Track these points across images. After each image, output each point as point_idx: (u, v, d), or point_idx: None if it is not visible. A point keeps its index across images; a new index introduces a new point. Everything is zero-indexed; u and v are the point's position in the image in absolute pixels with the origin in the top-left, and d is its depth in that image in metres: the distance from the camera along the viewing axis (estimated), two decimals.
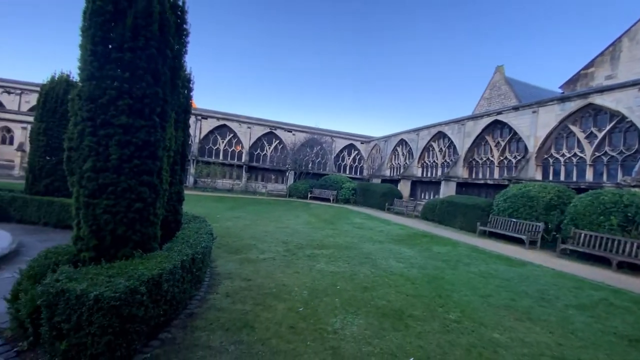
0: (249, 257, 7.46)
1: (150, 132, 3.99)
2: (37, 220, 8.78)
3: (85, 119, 3.65)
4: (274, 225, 12.58)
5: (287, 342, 3.83)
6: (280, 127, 32.77)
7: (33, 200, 8.79)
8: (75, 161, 3.75)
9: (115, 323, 2.83)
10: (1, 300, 4.14)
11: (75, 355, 2.76)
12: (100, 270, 3.20)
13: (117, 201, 3.76)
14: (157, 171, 4.15)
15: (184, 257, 4.17)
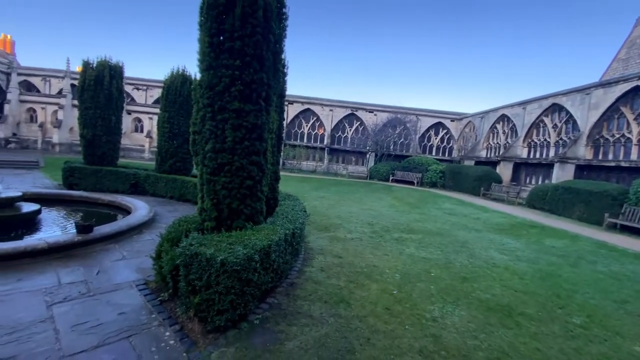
0: (337, 236, 7.65)
1: (258, 115, 4.29)
2: (164, 194, 10.64)
3: (206, 105, 4.13)
4: (358, 206, 12.62)
5: (385, 322, 3.82)
6: (361, 108, 32.26)
7: (161, 178, 10.64)
8: (198, 143, 4.30)
9: (236, 285, 3.22)
10: (148, 258, 5.17)
11: (205, 309, 3.25)
12: (221, 238, 3.65)
13: (232, 178, 4.20)
14: (263, 152, 4.48)
15: (286, 231, 4.48)
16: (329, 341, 3.31)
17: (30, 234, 5.97)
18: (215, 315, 3.20)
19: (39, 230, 6.21)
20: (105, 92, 10.56)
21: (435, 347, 3.38)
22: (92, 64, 10.67)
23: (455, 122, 32.69)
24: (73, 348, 2.81)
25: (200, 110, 4.23)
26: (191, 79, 10.99)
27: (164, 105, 10.72)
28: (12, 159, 17.53)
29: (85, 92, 10.49)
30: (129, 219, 6.38)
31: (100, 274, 4.39)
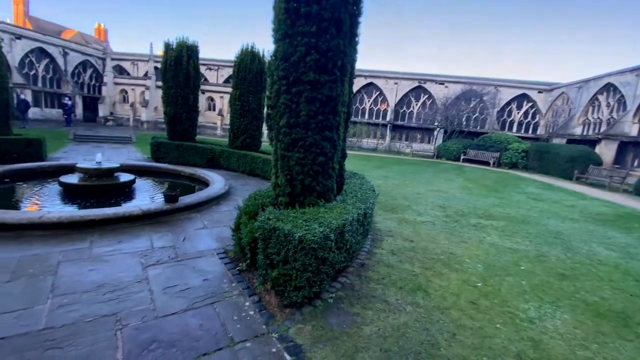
0: (406, 218, 7.22)
1: (332, 87, 4.01)
2: (236, 168, 11.23)
3: (281, 78, 3.97)
4: (425, 187, 11.83)
5: (470, 317, 3.42)
6: (430, 80, 29.74)
7: (233, 153, 11.22)
8: (273, 118, 4.22)
9: (313, 263, 3.13)
10: (226, 228, 5.44)
11: (282, 283, 3.24)
12: (297, 214, 3.58)
13: (305, 154, 4.06)
14: (336, 127, 4.23)
15: (359, 211, 4.26)
16: (410, 331, 3.07)
17: (127, 201, 6.78)
18: (292, 291, 3.18)
19: (134, 198, 7.01)
20: (183, 72, 11.28)
21: (536, 354, 2.91)
22: (172, 45, 11.41)
23: (544, 93, 28.21)
24: (165, 309, 3.04)
25: (275, 83, 4.10)
26: (260, 55, 11.10)
27: (235, 83, 11.07)
28: (110, 135, 20.29)
29: (167, 72, 11.34)
30: (208, 191, 6.82)
31: (186, 241, 4.74)
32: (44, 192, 6.69)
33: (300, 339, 2.81)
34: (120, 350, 2.46)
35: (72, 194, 6.50)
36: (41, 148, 9.83)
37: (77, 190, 6.47)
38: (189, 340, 2.65)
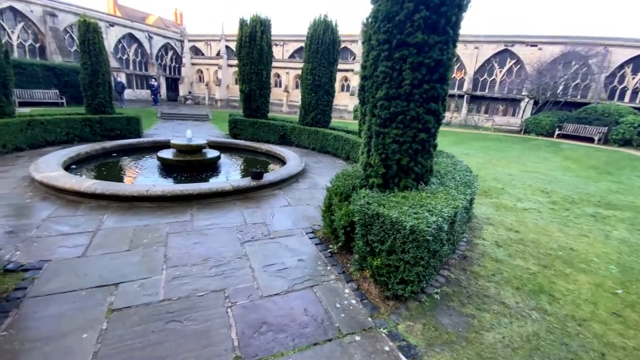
0: (504, 203, 6.33)
1: (443, 49, 3.41)
2: (307, 145, 11.19)
3: (382, 42, 3.49)
4: (517, 167, 10.36)
5: (619, 334, 2.76)
6: (519, 42, 25.62)
7: (304, 130, 11.15)
8: (368, 90, 3.81)
9: (425, 256, 2.76)
10: (309, 206, 5.34)
11: (385, 274, 2.96)
12: (398, 199, 3.21)
13: (405, 131, 3.60)
14: (443, 97, 3.64)
15: (466, 197, 3.71)
16: (544, 345, 2.57)
17: (214, 176, 7.14)
18: (398, 284, 2.88)
19: (220, 173, 7.36)
20: (257, 48, 11.32)
21: None
22: (246, 21, 11.45)
23: None
24: (269, 289, 3.01)
25: (372, 49, 3.64)
26: (332, 25, 10.51)
27: (307, 57, 10.76)
28: (190, 112, 21.96)
29: (242, 49, 11.50)
30: (288, 169, 6.82)
31: (275, 217, 4.76)
32: (145, 165, 7.40)
33: (413, 339, 2.53)
34: (234, 330, 2.47)
35: (168, 167, 7.06)
36: (139, 125, 10.96)
37: (172, 165, 7.01)
38: (297, 326, 2.56)
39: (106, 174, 6.86)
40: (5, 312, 2.46)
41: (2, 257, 3.22)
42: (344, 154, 9.60)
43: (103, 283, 2.92)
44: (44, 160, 6.15)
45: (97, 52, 9.66)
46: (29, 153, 7.79)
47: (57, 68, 19.94)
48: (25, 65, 18.29)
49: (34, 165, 5.74)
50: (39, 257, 3.28)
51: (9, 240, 3.58)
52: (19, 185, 5.37)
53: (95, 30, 9.60)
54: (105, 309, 2.60)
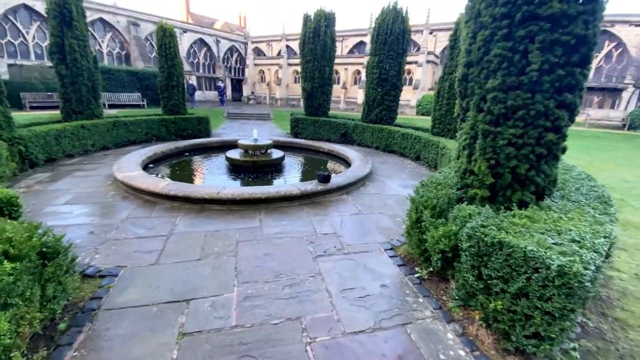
0: (631, 220, 5.01)
1: (588, 21, 2.53)
2: (370, 144, 10.52)
3: (498, 18, 2.74)
4: (631, 171, 8.44)
5: None
6: (620, 21, 21.43)
7: (368, 128, 10.50)
8: (473, 80, 3.06)
9: (577, 307, 1.99)
10: (382, 215, 4.73)
11: (506, 321, 2.26)
12: (523, 222, 2.46)
13: (525, 130, 2.80)
14: (581, 86, 2.75)
15: (612, 218, 2.77)
16: None
17: (279, 176, 6.93)
18: (528, 337, 2.16)
19: (283, 173, 7.14)
20: (321, 43, 10.96)
21: None
22: (310, 16, 11.15)
23: None
24: (352, 324, 2.52)
25: (483, 28, 2.89)
26: (402, 13, 9.64)
27: (374, 49, 10.06)
28: (253, 112, 22.69)
29: (305, 45, 11.25)
30: (355, 171, 6.28)
31: (346, 227, 4.26)
32: (214, 165, 7.51)
33: None
34: None
35: (235, 167, 7.05)
36: (208, 125, 11.41)
37: (239, 165, 6.97)
38: None
39: (179, 173, 7.08)
40: (79, 327, 2.35)
41: (83, 260, 3.25)
42: (413, 154, 8.74)
43: (175, 298, 2.72)
44: (126, 159, 6.51)
45: (173, 55, 10.20)
46: (114, 152, 8.49)
47: (139, 73, 22.12)
48: (113, 71, 20.57)
49: (116, 165, 6.08)
50: (115, 262, 3.25)
51: (91, 241, 3.66)
52: (104, 184, 5.70)
53: (171, 35, 10.13)
54: (176, 332, 2.35)
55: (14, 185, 5.50)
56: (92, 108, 8.58)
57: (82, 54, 8.08)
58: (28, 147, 6.31)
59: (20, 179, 5.92)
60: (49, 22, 7.64)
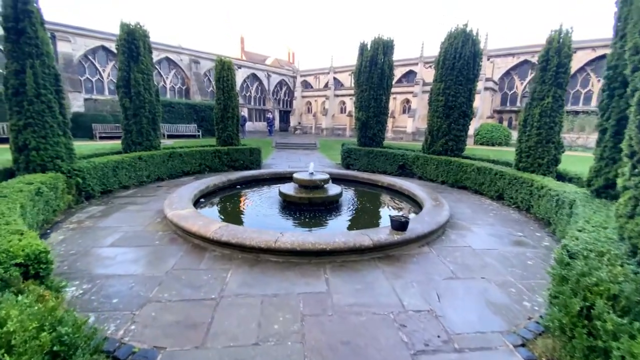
0: None
1: None
2: (434, 177, 9.34)
3: None
4: None
5: None
6: None
7: (431, 160, 9.37)
8: None
9: None
10: (487, 282, 3.55)
11: None
12: None
13: None
14: None
15: None
16: None
17: (337, 215, 6.06)
18: None
19: (341, 212, 6.25)
20: (378, 72, 10.37)
21: None
22: (366, 45, 10.72)
23: None
24: None
25: None
26: (473, 35, 8.74)
27: (439, 75, 9.16)
28: (300, 142, 22.65)
29: (361, 74, 10.74)
30: (434, 215, 5.19)
31: (443, 302, 3.16)
32: (267, 200, 6.89)
33: None
34: None
35: (289, 204, 6.35)
36: (259, 156, 11.12)
37: (294, 202, 6.25)
38: None
39: (230, 210, 6.56)
40: None
41: (116, 331, 2.56)
42: (494, 192, 7.38)
43: None
44: (178, 194, 6.13)
45: (229, 88, 10.24)
46: (168, 183, 8.33)
47: (196, 106, 23.49)
48: (174, 104, 22.02)
49: (168, 200, 5.68)
50: (153, 338, 2.51)
51: (130, 301, 3.00)
52: (153, 222, 5.27)
53: (229, 68, 10.23)
54: None
55: (65, 220, 5.28)
56: (150, 139, 8.64)
57: (146, 87, 8.26)
58: (85, 179, 6.22)
59: (74, 212, 5.75)
60: (118, 57, 7.97)
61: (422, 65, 26.55)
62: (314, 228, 5.45)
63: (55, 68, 5.61)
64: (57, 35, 20.04)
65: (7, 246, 2.35)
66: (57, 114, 5.72)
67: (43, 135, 5.55)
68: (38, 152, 5.55)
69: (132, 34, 7.95)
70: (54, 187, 5.21)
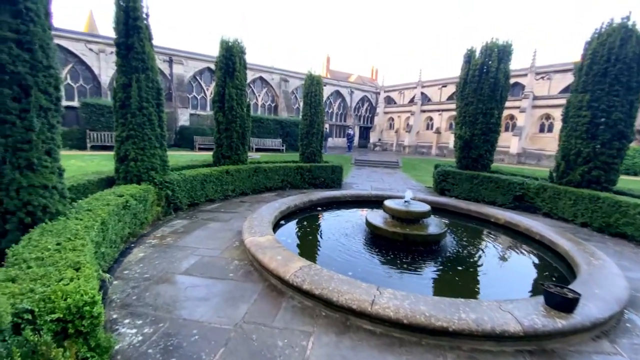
0: None
1: None
2: (569, 217, 7.10)
3: None
4: None
5: None
6: None
7: (566, 192, 7.16)
8: None
9: None
10: None
11: None
12: None
13: None
14: None
15: None
16: None
17: (439, 261, 4.71)
18: None
19: (445, 258, 4.86)
20: (490, 81, 8.65)
21: None
22: (474, 51, 9.14)
23: None
24: None
25: None
26: (638, 32, 6.48)
27: (581, 83, 7.05)
28: (380, 159, 21.36)
29: (466, 85, 9.16)
30: (606, 285, 3.46)
31: None
32: (352, 229, 5.93)
33: None
34: None
35: (378, 238, 5.27)
36: (341, 175, 10.36)
37: (385, 237, 5.14)
38: None
39: (311, 238, 5.77)
40: None
41: None
42: None
43: None
44: (258, 214, 5.63)
45: (317, 102, 9.82)
46: (250, 198, 8.10)
47: (283, 121, 24.40)
48: (263, 120, 23.21)
49: (248, 222, 5.17)
50: None
51: None
52: (230, 246, 4.78)
53: (318, 83, 9.84)
54: None
55: (150, 234, 5.18)
56: (239, 154, 8.63)
57: (238, 102, 8.30)
58: (175, 191, 6.22)
59: (160, 224, 5.70)
60: (216, 74, 8.19)
61: (532, 77, 22.77)
62: (412, 273, 4.23)
63: (158, 82, 5.76)
64: (174, 59, 23.25)
65: (50, 291, 1.85)
66: (155, 127, 5.85)
67: (141, 147, 5.69)
68: (136, 163, 5.70)
69: (230, 50, 8.11)
70: (143, 199, 5.18)
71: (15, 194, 2.87)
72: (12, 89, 2.64)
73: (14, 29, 2.55)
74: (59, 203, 3.38)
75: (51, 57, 3.02)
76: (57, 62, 3.15)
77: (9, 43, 2.52)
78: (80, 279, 2.07)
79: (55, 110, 3.25)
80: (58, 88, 3.24)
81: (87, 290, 1.93)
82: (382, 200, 5.91)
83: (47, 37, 2.92)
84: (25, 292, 1.83)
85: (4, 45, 2.50)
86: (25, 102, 2.79)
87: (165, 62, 22.98)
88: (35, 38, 2.73)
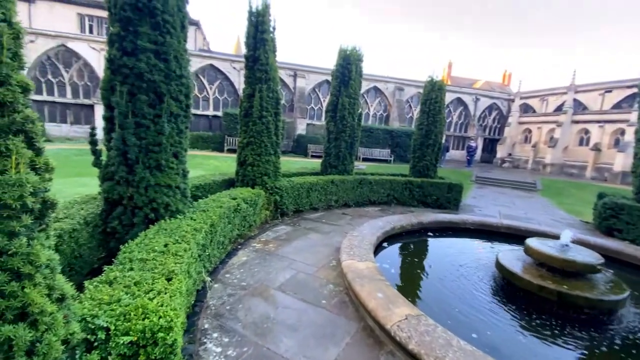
0: None
1: None
2: None
3: None
4: None
5: None
6: None
7: None
8: None
9: None
10: None
11: None
12: None
13: None
14: None
15: None
16: None
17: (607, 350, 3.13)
18: None
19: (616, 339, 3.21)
20: None
21: None
22: None
23: None
24: None
25: None
26: None
27: None
28: (509, 178, 17.85)
29: None
30: None
31: None
32: (474, 268, 4.74)
33: None
34: None
35: (514, 289, 3.98)
36: (460, 195, 8.87)
37: (528, 291, 3.81)
38: None
39: (418, 272, 4.86)
40: None
41: None
42: None
43: None
44: (359, 232, 5.10)
45: (436, 111, 8.70)
46: (353, 211, 7.68)
47: (393, 131, 23.44)
48: (373, 130, 22.78)
49: (347, 241, 4.70)
50: None
51: None
52: (327, 264, 4.40)
53: (440, 88, 8.72)
54: None
55: (256, 237, 5.31)
56: (345, 164, 8.37)
57: (350, 111, 8.05)
58: (283, 197, 6.32)
59: (267, 228, 5.84)
60: (332, 83, 8.14)
61: None
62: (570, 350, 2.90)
63: (277, 92, 5.96)
64: (297, 73, 25.34)
65: (133, 306, 1.73)
66: (272, 134, 6.07)
67: (258, 153, 5.97)
68: (252, 167, 6.02)
69: (347, 59, 7.94)
70: (254, 203, 5.36)
71: (144, 191, 3.16)
72: (148, 96, 2.93)
73: (152, 40, 2.82)
74: (179, 202, 3.64)
75: (184, 67, 3.27)
76: (189, 71, 3.41)
77: (147, 53, 2.81)
78: (167, 293, 1.95)
79: (185, 117, 3.51)
80: (188, 96, 3.48)
81: (167, 312, 1.76)
82: (515, 233, 4.57)
83: (182, 49, 3.17)
84: (113, 301, 1.77)
85: (143, 55, 2.79)
86: (158, 108, 3.05)
87: (290, 76, 25.27)
88: (171, 49, 2.98)
